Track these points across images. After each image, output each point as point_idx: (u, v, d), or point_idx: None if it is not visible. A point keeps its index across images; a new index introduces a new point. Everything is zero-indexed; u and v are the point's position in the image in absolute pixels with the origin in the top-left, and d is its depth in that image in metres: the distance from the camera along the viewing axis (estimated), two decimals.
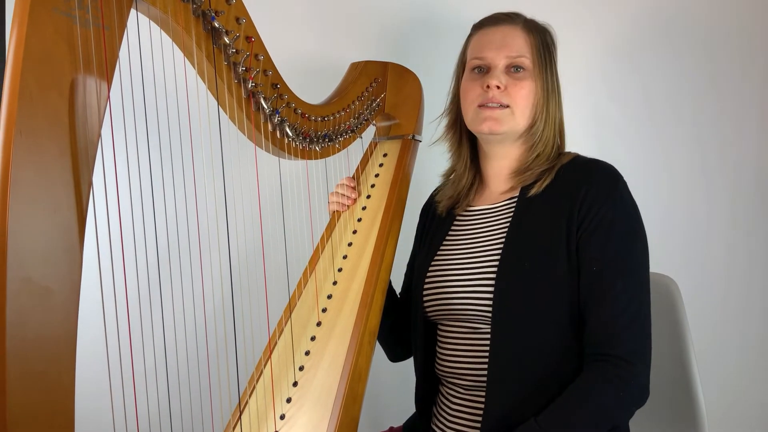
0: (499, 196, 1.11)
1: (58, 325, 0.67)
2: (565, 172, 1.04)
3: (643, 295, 0.96)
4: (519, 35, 1.07)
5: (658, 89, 1.58)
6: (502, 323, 0.98)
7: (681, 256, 1.56)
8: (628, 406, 0.94)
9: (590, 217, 0.97)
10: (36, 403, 0.65)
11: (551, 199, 1.02)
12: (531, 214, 1.03)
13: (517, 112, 1.05)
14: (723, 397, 1.51)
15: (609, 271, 0.95)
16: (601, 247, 0.96)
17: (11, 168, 0.63)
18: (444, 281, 1.07)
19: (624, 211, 0.99)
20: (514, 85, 1.05)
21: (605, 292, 0.94)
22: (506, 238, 1.02)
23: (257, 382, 1.03)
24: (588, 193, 0.98)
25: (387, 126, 1.35)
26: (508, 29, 1.08)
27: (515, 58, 1.06)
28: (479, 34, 1.11)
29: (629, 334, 0.93)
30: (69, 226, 0.69)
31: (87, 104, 0.71)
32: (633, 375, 0.91)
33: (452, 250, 1.10)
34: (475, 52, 1.10)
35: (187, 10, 0.86)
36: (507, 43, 1.07)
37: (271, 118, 1.03)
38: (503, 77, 1.05)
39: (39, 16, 0.66)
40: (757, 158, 1.55)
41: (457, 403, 1.05)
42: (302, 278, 1.16)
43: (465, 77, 1.11)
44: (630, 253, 0.97)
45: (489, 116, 1.05)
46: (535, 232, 1.01)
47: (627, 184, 1.02)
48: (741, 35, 1.54)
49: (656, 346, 0.95)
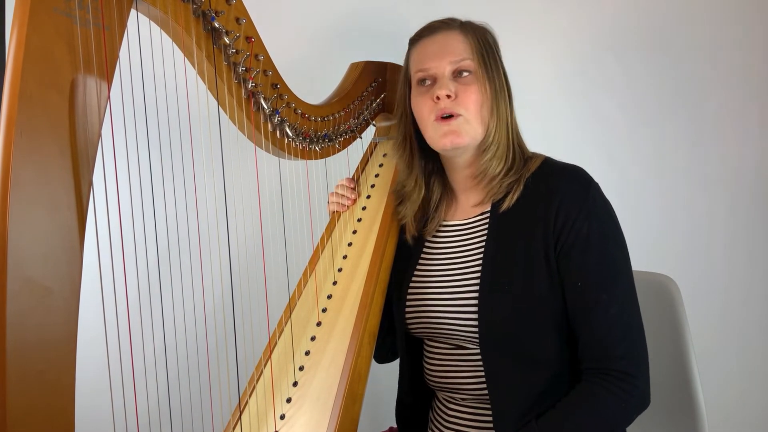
0: (470, 210, 1.09)
1: (58, 324, 0.67)
2: (534, 183, 1.01)
3: (630, 301, 0.95)
4: (458, 39, 1.05)
5: (658, 89, 1.58)
6: (491, 344, 0.97)
7: (681, 256, 1.57)
8: (630, 414, 0.94)
9: (566, 233, 0.95)
10: (36, 402, 0.65)
11: (524, 213, 1.00)
12: (505, 231, 1.01)
13: (470, 119, 1.02)
14: (723, 396, 1.51)
15: (593, 285, 0.94)
16: (582, 263, 0.95)
17: (11, 168, 0.64)
18: (425, 302, 1.06)
19: (598, 219, 0.96)
20: (463, 92, 1.02)
21: (593, 307, 0.93)
22: (483, 258, 1.01)
23: (257, 382, 1.03)
24: (561, 207, 0.96)
25: (387, 126, 1.35)
26: (446, 35, 1.05)
27: (459, 62, 1.03)
28: (418, 46, 1.08)
29: (625, 347, 0.92)
30: (69, 225, 0.69)
31: (87, 104, 0.71)
32: (634, 386, 0.91)
33: (430, 269, 1.08)
34: (417, 64, 1.06)
35: (188, 11, 0.86)
36: (448, 49, 1.04)
37: (271, 118, 1.03)
38: (452, 85, 1.02)
39: (39, 16, 0.66)
40: (757, 158, 1.55)
41: (454, 409, 1.05)
42: (302, 278, 1.16)
43: (413, 93, 1.08)
44: (611, 263, 0.95)
45: (448, 130, 1.02)
46: (512, 250, 0.99)
47: (598, 187, 0.99)
48: (740, 35, 1.54)
49: (656, 346, 0.95)
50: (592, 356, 0.94)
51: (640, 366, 0.93)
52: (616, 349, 0.92)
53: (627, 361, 0.92)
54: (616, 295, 0.94)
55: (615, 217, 0.99)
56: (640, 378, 0.92)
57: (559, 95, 1.62)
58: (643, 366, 0.93)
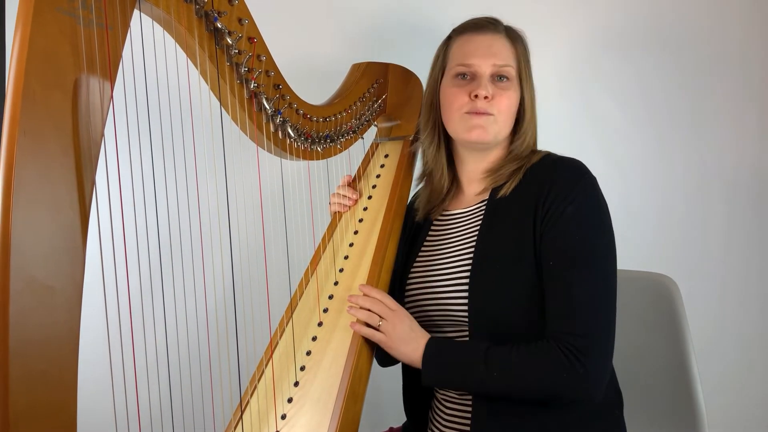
0: (472, 198, 1.11)
1: (60, 323, 0.68)
2: (532, 172, 1.04)
3: (601, 288, 0.94)
4: (504, 44, 1.07)
5: (658, 89, 1.58)
6: (480, 326, 0.98)
7: (680, 256, 1.57)
8: (569, 386, 0.91)
9: (549, 214, 0.97)
10: (38, 401, 0.66)
11: (518, 199, 1.02)
12: (500, 217, 1.03)
13: (500, 121, 1.05)
14: (723, 396, 1.52)
15: (562, 263, 0.94)
16: (554, 241, 0.96)
17: (15, 168, 0.64)
18: (422, 290, 1.08)
19: (581, 204, 0.97)
20: (500, 95, 1.05)
21: (558, 283, 0.94)
22: (477, 242, 1.03)
23: (258, 382, 1.03)
24: (550, 191, 0.98)
25: (388, 127, 1.35)
26: (493, 37, 1.07)
27: (501, 67, 1.05)
28: (462, 40, 1.09)
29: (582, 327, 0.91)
30: (72, 225, 0.69)
31: (90, 104, 0.71)
32: (581, 364, 0.89)
33: (429, 258, 1.10)
34: (459, 58, 1.08)
35: (190, 11, 0.86)
36: (493, 51, 1.06)
37: (273, 118, 1.03)
38: (490, 87, 1.04)
39: (43, 16, 0.66)
40: (756, 158, 1.55)
41: (450, 407, 1.06)
42: (303, 278, 1.16)
43: (447, 83, 1.09)
44: (585, 246, 0.95)
45: (477, 124, 1.04)
46: (504, 235, 1.01)
47: (594, 180, 1.00)
48: (740, 35, 1.55)
49: (656, 345, 0.95)
50: (552, 327, 0.94)
51: (594, 348, 0.91)
52: (574, 327, 0.92)
53: (582, 339, 0.91)
54: (584, 277, 0.93)
55: (604, 207, 0.99)
56: (591, 359, 0.90)
57: (558, 95, 1.62)
58: (597, 350, 0.91)
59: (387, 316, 1.00)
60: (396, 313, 1.00)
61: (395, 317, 1.00)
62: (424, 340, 0.99)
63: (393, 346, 1.00)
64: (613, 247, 0.98)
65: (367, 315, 1.00)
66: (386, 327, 0.99)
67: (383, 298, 1.02)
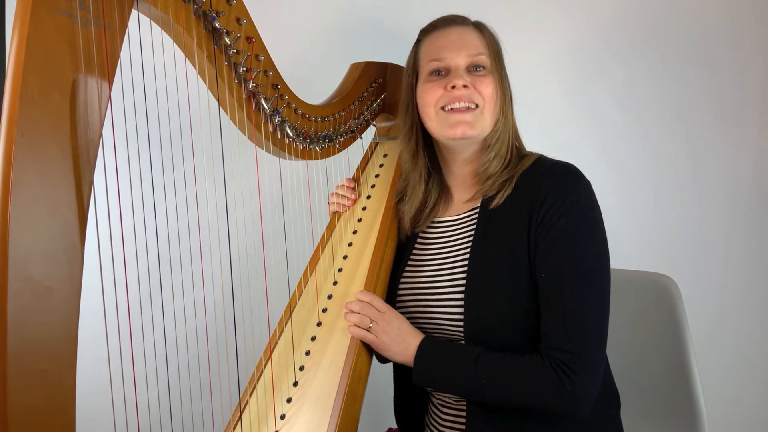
0: (461, 206, 1.09)
1: (59, 324, 0.68)
2: (524, 180, 1.01)
3: (593, 302, 0.93)
4: (474, 35, 1.05)
5: (657, 89, 1.58)
6: (475, 339, 0.98)
7: (680, 256, 1.57)
8: (557, 400, 0.90)
9: (543, 225, 0.95)
10: (37, 401, 0.66)
11: (512, 209, 1.00)
12: (494, 227, 1.01)
13: (486, 112, 1.02)
14: (722, 396, 1.52)
15: (556, 278, 0.93)
16: (548, 255, 0.94)
17: (13, 168, 0.64)
18: (414, 303, 1.07)
19: (575, 215, 0.95)
20: (480, 83, 1.02)
21: (551, 298, 0.93)
22: (471, 254, 1.01)
23: (257, 382, 1.03)
24: (544, 202, 0.96)
25: (387, 126, 1.35)
26: (462, 30, 1.06)
27: (475, 56, 1.03)
28: (432, 38, 1.07)
29: (572, 344, 0.90)
30: (70, 225, 0.69)
31: (88, 104, 0.71)
32: (570, 381, 0.89)
33: (420, 267, 1.09)
34: (431, 54, 1.06)
35: (188, 11, 0.86)
36: (465, 42, 1.04)
37: (271, 118, 1.03)
38: (467, 76, 1.02)
39: (40, 16, 0.66)
40: (755, 158, 1.55)
41: (447, 412, 1.05)
42: (302, 278, 1.16)
43: (422, 82, 1.07)
44: (578, 259, 0.94)
45: (460, 120, 1.01)
46: (499, 246, 0.99)
47: (588, 185, 0.98)
48: (739, 35, 1.55)
49: (656, 344, 0.94)
50: (544, 342, 0.93)
51: (584, 366, 0.90)
52: (566, 343, 0.91)
53: (572, 356, 0.90)
54: (577, 292, 0.92)
55: (598, 217, 0.98)
56: (580, 378, 0.89)
57: (557, 95, 1.62)
58: (586, 368, 0.90)
59: (376, 318, 1.00)
60: (384, 315, 1.00)
61: (383, 319, 1.00)
62: (416, 339, 0.99)
63: (384, 348, 1.00)
64: (606, 259, 0.97)
65: (359, 318, 1.00)
66: (376, 329, 1.00)
67: (372, 300, 1.02)
